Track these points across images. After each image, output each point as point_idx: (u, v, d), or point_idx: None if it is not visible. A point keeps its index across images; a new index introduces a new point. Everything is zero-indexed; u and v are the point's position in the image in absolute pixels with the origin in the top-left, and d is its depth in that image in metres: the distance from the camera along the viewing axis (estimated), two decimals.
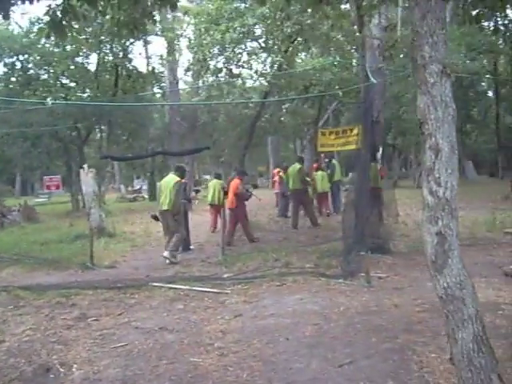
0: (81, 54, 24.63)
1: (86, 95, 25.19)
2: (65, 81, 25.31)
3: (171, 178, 11.43)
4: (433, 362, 4.73)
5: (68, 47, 23.79)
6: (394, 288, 7.61)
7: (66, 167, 29.43)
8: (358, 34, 10.75)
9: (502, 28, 20.93)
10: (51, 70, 24.50)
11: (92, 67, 25.64)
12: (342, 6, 11.55)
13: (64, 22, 4.42)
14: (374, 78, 9.97)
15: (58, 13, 4.45)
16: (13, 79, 25.62)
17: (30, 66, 25.30)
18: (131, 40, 24.75)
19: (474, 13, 6.04)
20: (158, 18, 16.94)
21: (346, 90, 18.60)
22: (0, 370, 5.03)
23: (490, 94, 40.00)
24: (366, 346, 5.22)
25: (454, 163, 3.46)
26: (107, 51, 24.18)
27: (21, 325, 6.57)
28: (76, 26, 5.49)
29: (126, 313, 7.01)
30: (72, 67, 24.60)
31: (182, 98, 31.28)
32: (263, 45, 13.36)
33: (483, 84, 38.92)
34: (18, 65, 25.29)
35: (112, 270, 10.48)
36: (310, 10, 10.39)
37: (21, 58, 25.03)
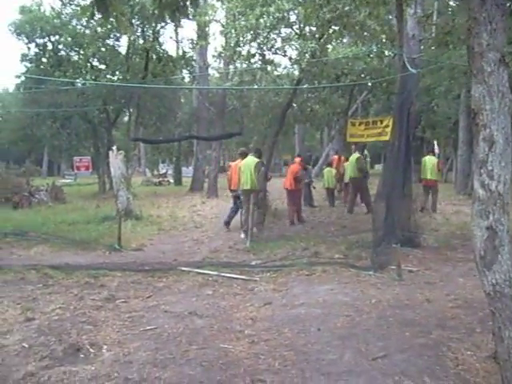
0: (111, 36, 24.59)
1: (115, 78, 25.20)
2: (95, 63, 25.28)
3: (251, 160, 12.08)
4: (469, 359, 4.62)
5: (99, 29, 23.76)
6: (425, 282, 7.48)
7: (94, 149, 29.57)
8: (396, 22, 10.52)
9: None
10: (82, 52, 24.47)
11: (123, 50, 25.63)
12: None
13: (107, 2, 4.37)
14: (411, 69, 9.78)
15: None
16: (44, 60, 25.70)
17: (60, 47, 25.31)
18: (162, 24, 24.69)
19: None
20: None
21: (377, 81, 18.41)
22: (31, 348, 5.05)
23: None
24: (400, 340, 5.13)
25: (508, 156, 3.33)
26: (138, 34, 24.09)
27: (50, 303, 6.60)
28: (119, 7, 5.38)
29: (155, 296, 7.01)
30: (103, 49, 24.57)
31: (211, 83, 31.20)
32: (297, 31, 13.18)
33: None
34: (49, 46, 25.35)
35: (139, 252, 10.50)
36: None
37: (52, 39, 25.07)
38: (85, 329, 5.60)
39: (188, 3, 4.99)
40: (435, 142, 11.72)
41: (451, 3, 21.75)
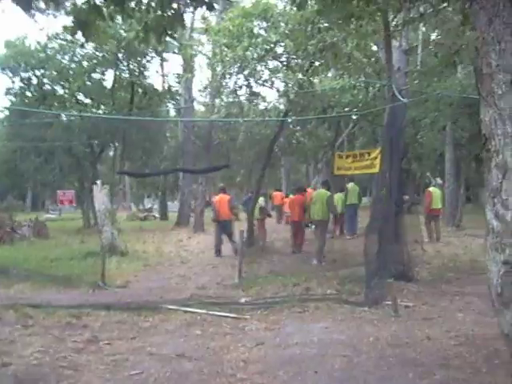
0: (97, 70, 24.54)
1: (101, 112, 25.09)
2: (80, 97, 25.19)
3: (323, 192, 12.99)
4: None
5: (85, 63, 23.74)
6: (423, 318, 7.17)
7: (79, 183, 29.25)
8: (384, 54, 10.45)
9: None
10: (67, 86, 24.40)
11: (108, 84, 25.58)
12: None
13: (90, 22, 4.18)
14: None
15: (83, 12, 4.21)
16: (28, 94, 25.55)
17: (45, 81, 25.21)
18: (147, 58, 24.74)
19: None
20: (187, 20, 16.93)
21: (364, 113, 18.40)
22: None
23: None
24: (403, 381, 4.81)
25: None
26: (124, 68, 24.10)
27: (29, 346, 6.17)
28: (102, 26, 5.19)
29: (140, 337, 6.62)
30: (88, 83, 24.48)
31: (197, 117, 31.18)
32: (285, 63, 13.15)
33: None
34: (34, 80, 25.24)
35: (124, 290, 10.15)
36: (336, 28, 10.12)
37: (37, 73, 24.98)
38: (65, 374, 5.20)
39: (176, 24, 4.78)
40: (428, 174, 11.94)
41: (433, 37, 21.86)
